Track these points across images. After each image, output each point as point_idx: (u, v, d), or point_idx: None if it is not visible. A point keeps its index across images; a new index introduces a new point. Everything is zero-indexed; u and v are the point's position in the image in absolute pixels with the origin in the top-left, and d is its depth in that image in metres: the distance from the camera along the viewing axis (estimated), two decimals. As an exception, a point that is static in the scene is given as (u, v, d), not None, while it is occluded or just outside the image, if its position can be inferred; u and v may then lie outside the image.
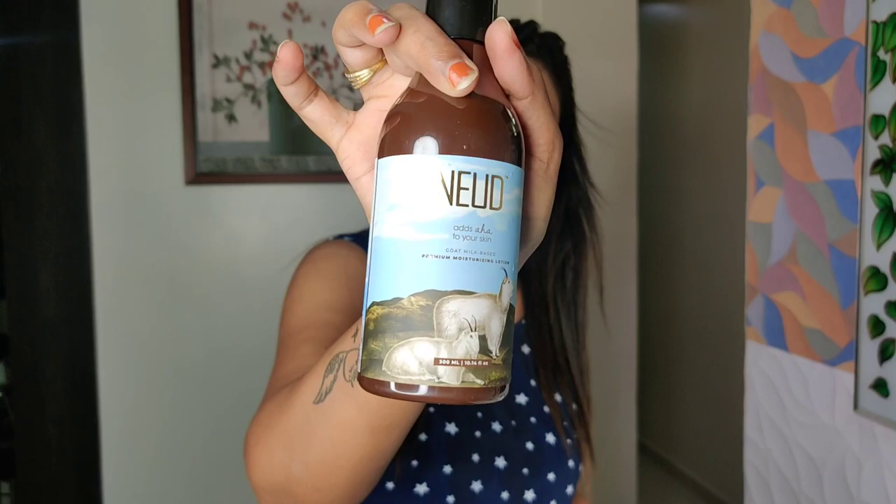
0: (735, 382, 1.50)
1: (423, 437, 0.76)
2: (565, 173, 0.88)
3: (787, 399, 1.15)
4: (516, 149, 0.36)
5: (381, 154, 0.36)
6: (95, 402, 1.78)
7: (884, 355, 0.93)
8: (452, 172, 0.34)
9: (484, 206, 0.34)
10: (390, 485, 0.75)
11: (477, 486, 0.78)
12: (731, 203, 2.68)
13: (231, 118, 1.77)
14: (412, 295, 0.34)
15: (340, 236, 0.84)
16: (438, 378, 0.34)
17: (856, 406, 0.98)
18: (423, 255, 0.34)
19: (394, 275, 0.34)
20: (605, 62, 1.94)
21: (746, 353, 1.25)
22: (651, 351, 3.27)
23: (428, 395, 0.34)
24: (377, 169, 0.37)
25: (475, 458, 0.78)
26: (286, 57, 0.40)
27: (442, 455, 0.76)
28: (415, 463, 0.75)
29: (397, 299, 0.34)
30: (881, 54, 0.92)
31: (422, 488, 0.75)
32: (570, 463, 0.85)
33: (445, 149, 0.34)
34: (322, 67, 1.80)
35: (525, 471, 0.81)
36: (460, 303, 0.34)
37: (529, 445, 0.83)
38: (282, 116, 1.79)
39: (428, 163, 0.34)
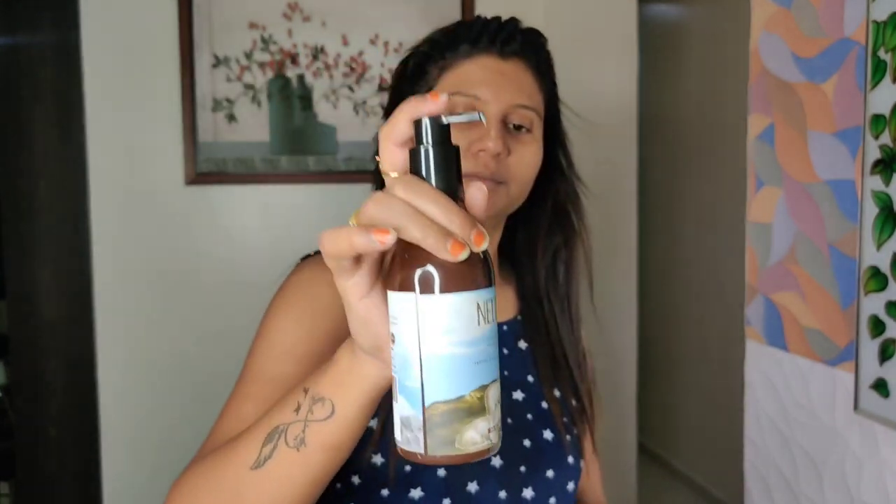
0: (735, 382, 1.50)
1: None
2: (552, 168, 0.88)
3: (787, 399, 1.15)
4: None
5: (423, 290, 0.47)
6: (95, 402, 1.78)
7: (884, 355, 0.93)
8: (485, 302, 0.47)
9: (493, 322, 0.48)
10: (385, 491, 0.75)
11: (473, 486, 0.77)
12: (731, 203, 2.68)
13: (231, 118, 1.77)
14: (472, 391, 0.47)
15: (318, 252, 0.84)
16: (491, 441, 0.48)
17: (856, 406, 0.98)
18: (475, 363, 0.47)
19: (456, 379, 0.46)
20: (605, 62, 1.94)
21: (746, 353, 1.25)
22: (651, 351, 3.27)
23: (486, 455, 0.48)
24: (419, 303, 0.47)
25: None
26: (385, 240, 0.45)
27: None
28: (408, 468, 0.74)
29: (461, 397, 0.46)
30: (881, 54, 0.92)
31: (416, 493, 0.75)
32: (570, 459, 0.84)
33: (477, 286, 0.47)
34: (322, 67, 1.80)
35: (522, 468, 0.81)
36: (495, 389, 0.48)
37: (526, 442, 0.82)
38: (282, 116, 1.79)
39: (471, 298, 0.47)
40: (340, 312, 0.72)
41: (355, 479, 0.75)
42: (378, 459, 0.74)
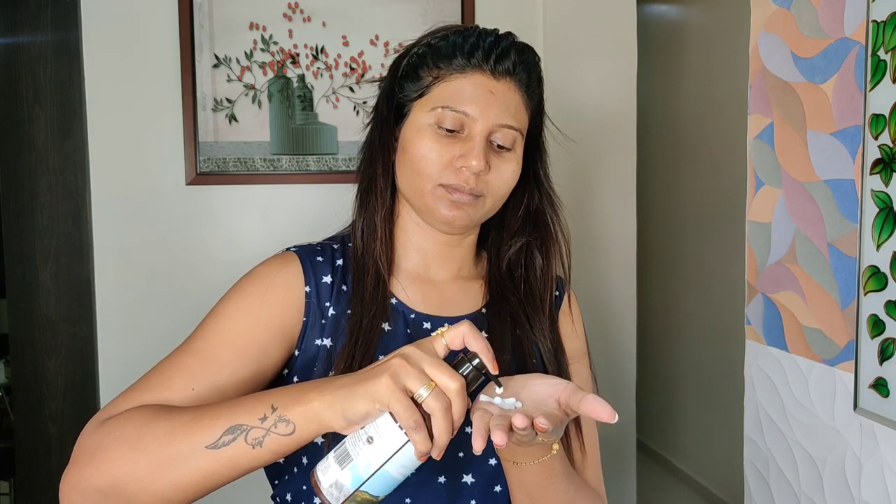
0: (735, 382, 1.50)
1: None
2: (529, 179, 0.93)
3: (787, 398, 1.15)
4: None
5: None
6: (96, 401, 1.78)
7: (883, 355, 0.93)
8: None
9: None
10: None
11: None
12: (731, 203, 2.68)
13: (232, 118, 1.77)
14: (383, 496, 0.67)
15: (292, 248, 0.90)
16: None
17: (856, 406, 0.99)
18: (398, 484, 0.67)
19: (384, 489, 0.66)
20: (604, 62, 1.94)
21: (746, 353, 1.25)
22: (651, 351, 3.27)
23: None
24: (404, 447, 0.65)
25: None
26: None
27: None
28: None
29: (377, 497, 0.66)
30: (881, 54, 0.92)
31: None
32: None
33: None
34: (322, 68, 1.80)
35: (461, 454, 0.84)
36: None
37: (468, 429, 0.83)
38: (282, 117, 1.79)
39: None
40: (285, 308, 0.84)
41: (304, 460, 0.82)
42: (319, 439, 0.80)
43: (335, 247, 0.91)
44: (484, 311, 0.93)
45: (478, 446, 0.64)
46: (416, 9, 1.81)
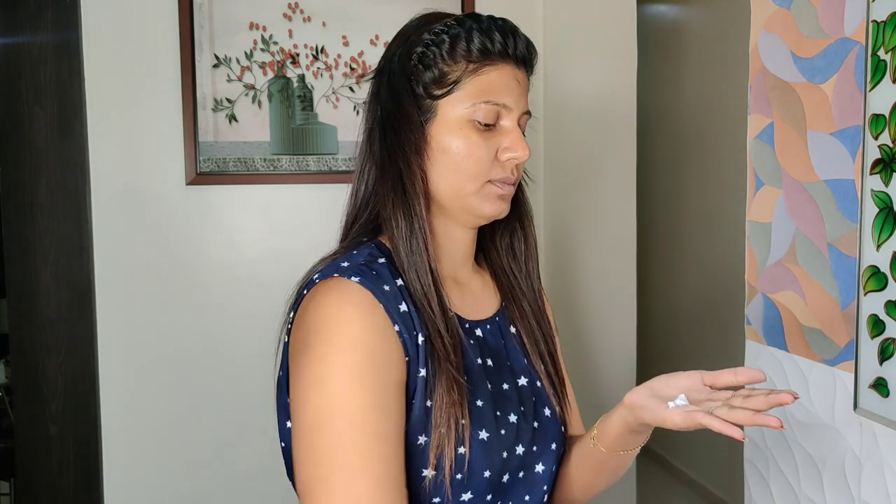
0: (735, 382, 1.50)
1: (461, 450, 0.78)
2: None
3: (787, 398, 1.15)
4: None
5: None
6: (96, 401, 1.78)
7: (883, 355, 0.93)
8: None
9: None
10: (437, 500, 0.79)
11: (505, 478, 0.85)
12: (731, 203, 2.68)
13: (232, 118, 1.77)
14: None
15: (353, 278, 0.78)
16: None
17: (856, 406, 0.98)
18: None
19: None
20: (604, 62, 1.94)
21: (746, 353, 1.25)
22: (650, 350, 3.27)
23: None
24: None
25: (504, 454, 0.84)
26: None
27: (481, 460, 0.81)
28: (459, 476, 0.78)
29: None
30: (881, 54, 0.92)
31: (467, 496, 0.80)
32: (562, 428, 0.93)
33: None
34: (322, 67, 1.80)
35: (534, 448, 0.87)
36: None
37: (535, 424, 0.89)
38: (282, 117, 1.79)
39: None
40: (397, 362, 0.77)
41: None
42: (429, 473, 0.78)
43: (381, 261, 0.83)
44: (504, 304, 0.95)
45: (740, 434, 0.68)
46: (416, 9, 1.79)
